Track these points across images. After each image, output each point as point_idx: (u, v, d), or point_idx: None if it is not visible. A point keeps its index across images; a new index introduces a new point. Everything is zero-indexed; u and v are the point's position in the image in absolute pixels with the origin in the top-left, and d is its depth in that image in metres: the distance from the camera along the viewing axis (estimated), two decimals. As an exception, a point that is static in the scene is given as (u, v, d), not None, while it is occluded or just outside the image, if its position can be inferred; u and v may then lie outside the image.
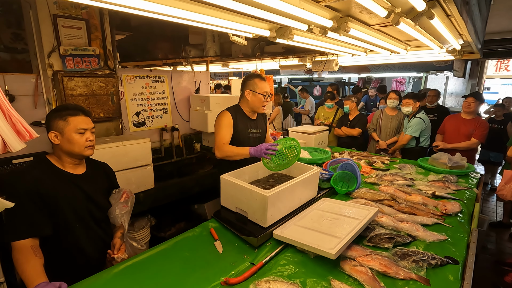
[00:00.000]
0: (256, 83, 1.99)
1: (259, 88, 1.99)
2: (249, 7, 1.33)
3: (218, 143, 1.94)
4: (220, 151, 1.92)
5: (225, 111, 2.03)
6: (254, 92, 1.99)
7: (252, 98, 2.02)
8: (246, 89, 2.03)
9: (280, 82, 11.26)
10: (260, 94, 1.99)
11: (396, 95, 3.67)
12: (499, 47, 5.92)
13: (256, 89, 1.99)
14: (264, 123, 2.25)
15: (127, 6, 1.24)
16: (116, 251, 1.35)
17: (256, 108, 2.06)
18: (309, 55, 3.79)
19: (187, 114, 3.42)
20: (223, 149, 1.91)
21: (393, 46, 2.51)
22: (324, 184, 2.06)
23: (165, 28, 4.41)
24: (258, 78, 2.01)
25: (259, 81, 2.00)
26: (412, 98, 3.40)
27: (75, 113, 1.33)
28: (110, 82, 2.46)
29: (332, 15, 1.55)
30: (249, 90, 2.01)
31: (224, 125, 1.97)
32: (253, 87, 2.00)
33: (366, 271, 1.18)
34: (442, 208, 1.77)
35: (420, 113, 3.41)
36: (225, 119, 1.99)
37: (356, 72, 6.93)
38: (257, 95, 1.99)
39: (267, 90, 2.01)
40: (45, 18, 2.12)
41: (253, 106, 2.05)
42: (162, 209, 2.71)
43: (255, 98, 2.01)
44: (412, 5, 1.28)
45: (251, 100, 2.03)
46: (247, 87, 2.02)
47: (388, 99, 3.72)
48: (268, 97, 2.02)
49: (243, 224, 1.50)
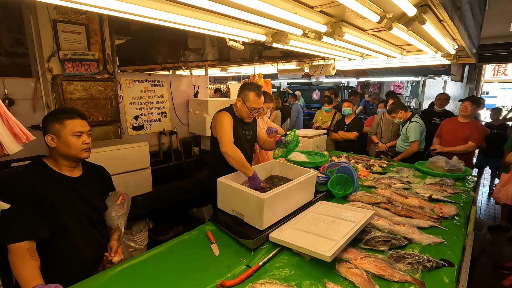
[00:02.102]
0: (249, 96, 1.99)
1: (249, 102, 1.99)
2: (245, 12, 1.36)
3: (227, 141, 1.88)
4: (230, 150, 1.85)
5: (225, 112, 2.04)
6: (243, 103, 2.01)
7: (240, 107, 2.04)
8: (239, 95, 2.04)
9: (279, 86, 11.32)
10: (247, 108, 2.01)
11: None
12: (496, 51, 5.98)
13: (246, 102, 2.00)
14: (255, 125, 2.28)
15: (127, 12, 1.27)
16: (113, 254, 1.35)
17: (242, 117, 2.08)
18: (306, 59, 3.82)
19: (185, 118, 3.43)
20: (234, 150, 1.85)
21: (388, 50, 2.54)
22: (321, 187, 2.07)
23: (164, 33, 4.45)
24: (254, 93, 1.99)
25: (252, 96, 1.99)
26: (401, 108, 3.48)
27: (71, 116, 1.34)
28: (109, 86, 2.49)
29: (326, 20, 1.58)
30: (241, 98, 2.03)
31: (228, 125, 1.97)
32: (245, 98, 2.01)
33: (361, 273, 1.18)
34: (439, 211, 1.77)
35: (415, 117, 3.45)
36: (228, 119, 1.99)
37: (355, 76, 6.98)
38: (245, 107, 2.01)
39: (256, 107, 2.01)
40: (45, 23, 2.15)
41: (239, 114, 2.08)
42: (160, 213, 2.72)
43: (242, 108, 2.03)
44: (403, 11, 1.31)
45: (239, 108, 2.05)
46: (240, 94, 2.04)
47: (389, 105, 3.75)
48: (255, 113, 2.05)
49: (240, 227, 1.50)
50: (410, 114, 3.47)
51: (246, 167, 1.80)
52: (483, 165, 4.78)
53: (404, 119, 3.46)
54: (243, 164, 1.81)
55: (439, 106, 4.16)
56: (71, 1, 1.11)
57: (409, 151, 3.42)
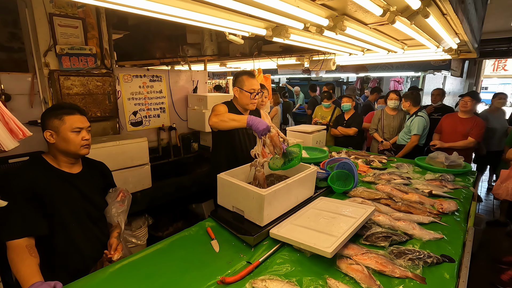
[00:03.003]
0: (244, 80, 1.95)
1: (246, 86, 1.95)
2: (245, 5, 1.33)
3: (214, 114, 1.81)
4: (214, 117, 1.76)
5: (222, 103, 2.00)
6: (241, 90, 1.96)
7: (240, 96, 1.99)
8: (234, 86, 2.00)
9: (279, 81, 11.26)
10: (246, 92, 1.95)
11: (397, 95, 3.70)
12: (496, 46, 5.95)
13: (243, 86, 1.96)
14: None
15: (124, 5, 1.24)
16: (113, 251, 1.35)
17: (245, 105, 2.01)
18: (306, 54, 3.79)
19: (184, 113, 3.41)
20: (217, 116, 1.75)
21: (390, 45, 2.52)
22: (321, 183, 2.06)
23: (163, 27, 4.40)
24: (246, 75, 1.97)
25: (246, 78, 1.95)
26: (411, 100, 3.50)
27: (70, 112, 1.32)
28: (107, 81, 2.45)
29: (328, 13, 1.55)
30: (237, 87, 1.98)
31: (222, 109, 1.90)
32: (240, 84, 1.97)
33: (362, 269, 1.18)
34: (439, 207, 1.77)
35: (421, 111, 3.45)
36: (222, 106, 1.94)
37: (354, 71, 6.94)
38: (244, 92, 1.95)
39: (254, 87, 1.96)
40: (41, 17, 2.11)
41: (241, 103, 2.02)
42: (159, 209, 2.71)
43: (242, 95, 1.97)
44: (407, 4, 1.29)
45: (239, 97, 2.00)
46: (235, 84, 2.00)
47: (389, 100, 3.74)
48: (256, 94, 1.97)
49: (240, 223, 1.50)
50: (417, 109, 3.47)
51: (237, 120, 1.67)
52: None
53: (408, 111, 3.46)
54: (233, 119, 1.69)
55: (434, 101, 4.21)
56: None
57: (409, 146, 3.43)
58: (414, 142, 3.40)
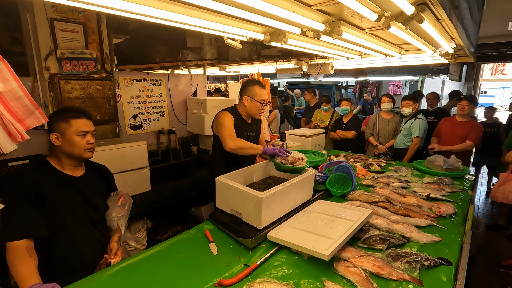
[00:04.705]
0: (255, 90, 2.02)
1: (258, 96, 2.01)
2: (243, 11, 1.35)
3: (229, 135, 1.90)
4: (233, 142, 1.87)
5: (226, 112, 2.04)
6: (252, 99, 2.02)
7: (250, 105, 2.04)
8: (244, 94, 2.05)
9: (278, 85, 11.31)
10: (257, 102, 2.02)
11: (389, 98, 3.71)
12: (494, 51, 6.00)
13: (254, 96, 2.02)
14: (258, 126, 2.28)
15: (125, 11, 1.26)
16: (113, 256, 1.35)
17: (253, 114, 2.09)
18: (305, 58, 3.82)
19: (184, 117, 3.43)
20: (236, 142, 1.88)
21: (387, 49, 2.54)
22: (320, 186, 2.07)
23: (163, 31, 4.43)
24: (258, 85, 2.03)
25: (258, 89, 2.02)
26: (411, 99, 3.51)
27: (77, 115, 1.34)
28: (107, 85, 2.47)
29: (324, 18, 1.58)
30: (247, 96, 2.03)
31: (230, 122, 1.97)
32: (251, 93, 2.02)
33: (359, 272, 1.18)
34: (437, 210, 1.78)
35: (420, 114, 3.47)
36: (229, 118, 1.99)
37: (353, 75, 6.99)
38: (255, 102, 2.02)
39: (265, 98, 2.04)
40: (42, 21, 2.14)
41: (250, 112, 2.08)
42: (158, 212, 2.71)
43: (252, 105, 2.03)
44: (401, 9, 1.31)
45: (249, 106, 2.05)
46: (245, 92, 2.04)
47: (382, 103, 3.75)
48: (265, 105, 2.06)
49: (238, 226, 1.50)
50: (415, 112, 3.50)
51: (255, 148, 1.92)
52: (480, 164, 4.83)
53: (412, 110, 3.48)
54: (251, 147, 1.91)
55: (431, 105, 4.26)
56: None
57: (412, 149, 3.45)
58: (416, 145, 3.43)
